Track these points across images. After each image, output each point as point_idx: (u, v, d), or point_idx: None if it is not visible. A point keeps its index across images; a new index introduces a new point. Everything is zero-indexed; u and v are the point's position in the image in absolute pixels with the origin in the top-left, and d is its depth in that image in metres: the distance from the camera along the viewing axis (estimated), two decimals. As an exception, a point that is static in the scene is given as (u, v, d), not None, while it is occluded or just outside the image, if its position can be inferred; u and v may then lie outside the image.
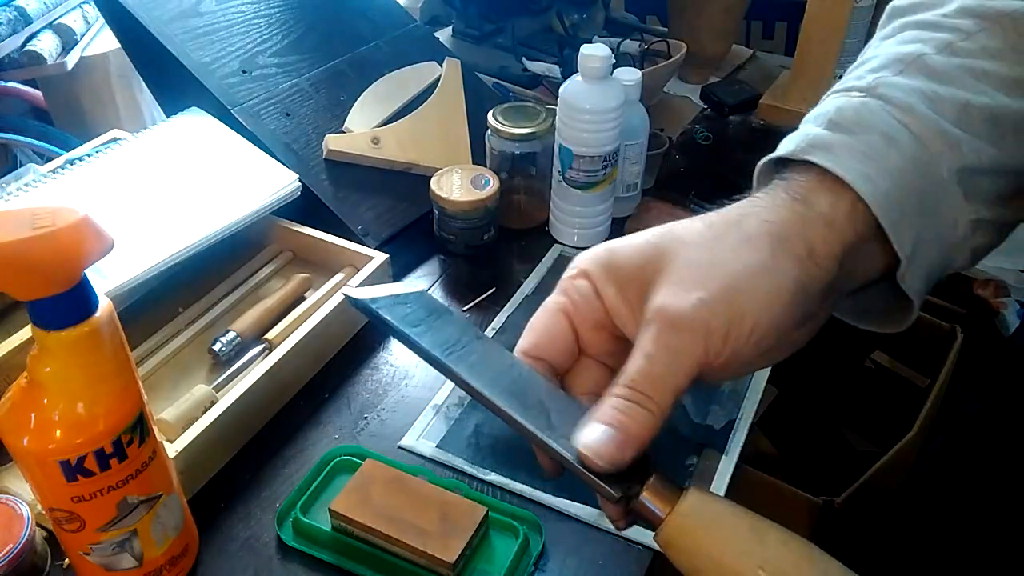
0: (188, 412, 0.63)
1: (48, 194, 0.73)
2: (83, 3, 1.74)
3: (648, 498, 0.37)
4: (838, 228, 0.37)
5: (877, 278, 0.41)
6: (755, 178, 0.43)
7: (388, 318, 0.39)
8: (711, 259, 0.37)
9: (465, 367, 0.38)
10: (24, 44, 1.60)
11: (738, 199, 0.40)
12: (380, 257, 0.77)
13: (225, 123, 0.84)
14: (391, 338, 0.77)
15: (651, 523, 0.37)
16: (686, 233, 0.39)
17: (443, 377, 0.74)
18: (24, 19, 1.59)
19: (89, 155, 0.79)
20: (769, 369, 0.73)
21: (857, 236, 0.38)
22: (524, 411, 0.37)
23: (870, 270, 0.40)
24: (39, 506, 0.52)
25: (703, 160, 1.07)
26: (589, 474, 0.36)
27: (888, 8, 0.46)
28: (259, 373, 0.65)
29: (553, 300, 0.41)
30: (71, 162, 0.79)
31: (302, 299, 0.76)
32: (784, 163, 0.40)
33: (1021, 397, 0.69)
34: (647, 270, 0.38)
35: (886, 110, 0.39)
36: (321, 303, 0.73)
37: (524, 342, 0.41)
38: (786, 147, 0.40)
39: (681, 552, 0.36)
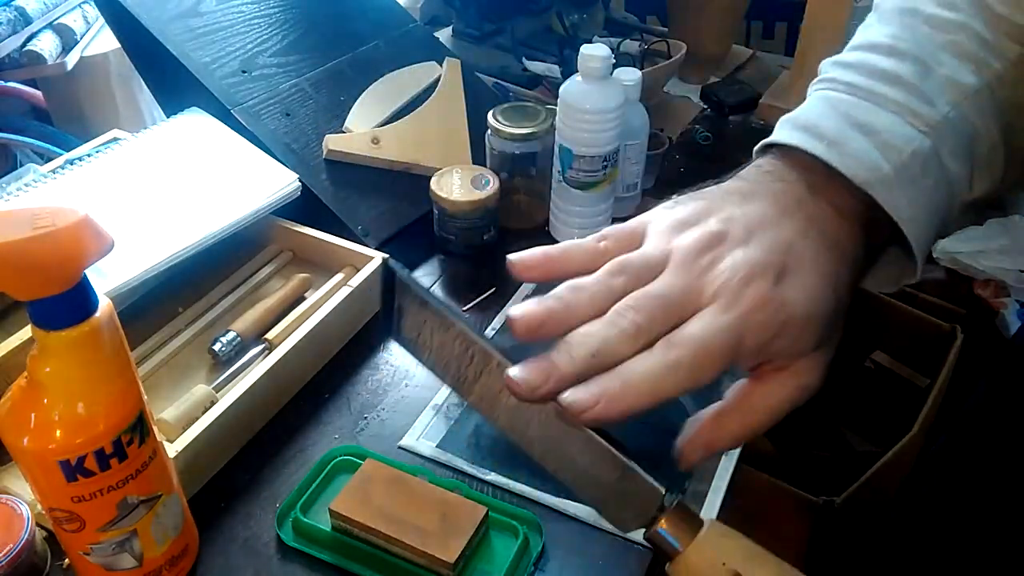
0: (188, 412, 0.63)
1: (48, 194, 0.73)
2: (83, 3, 1.74)
3: (665, 529, 0.35)
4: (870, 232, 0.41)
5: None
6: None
7: (414, 288, 0.40)
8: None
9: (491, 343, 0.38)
10: (24, 44, 1.59)
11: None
12: (380, 257, 0.77)
13: (225, 123, 0.84)
14: (391, 338, 0.77)
15: (665, 554, 0.36)
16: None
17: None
18: (24, 19, 1.59)
19: (89, 155, 0.79)
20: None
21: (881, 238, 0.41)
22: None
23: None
24: (39, 506, 0.52)
25: (703, 160, 1.07)
26: (601, 507, 0.35)
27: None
28: (259, 373, 0.65)
29: None
30: (71, 162, 0.79)
31: (302, 299, 0.76)
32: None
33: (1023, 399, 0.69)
34: None
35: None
36: (321, 303, 0.73)
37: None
38: (851, 170, 0.40)
39: None
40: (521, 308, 0.36)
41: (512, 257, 0.40)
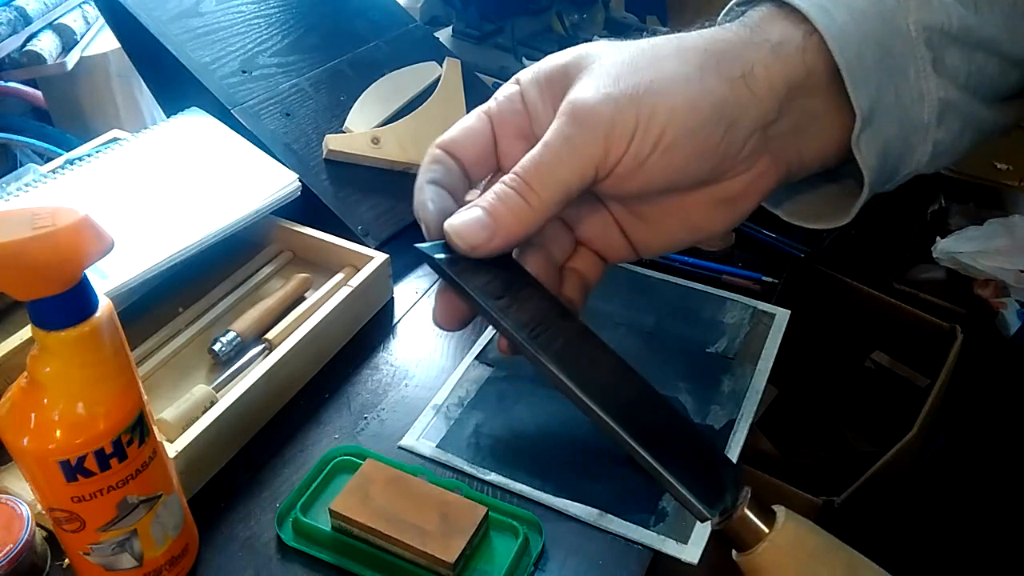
0: (188, 412, 0.63)
1: (48, 194, 0.73)
2: (83, 3, 1.74)
3: (745, 520, 0.34)
4: (785, 56, 0.35)
5: (831, 161, 0.39)
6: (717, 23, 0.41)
7: (469, 289, 0.37)
8: (633, 62, 0.36)
9: (552, 355, 0.34)
10: (24, 44, 1.60)
11: None
12: (380, 257, 0.77)
13: (225, 123, 0.84)
14: (391, 337, 0.77)
15: (739, 545, 0.34)
16: (621, 43, 0.38)
17: (443, 376, 0.74)
18: (24, 19, 1.59)
19: (89, 155, 0.79)
20: (769, 369, 0.73)
21: (807, 72, 0.36)
22: (616, 413, 0.34)
23: (822, 139, 0.38)
24: (39, 506, 0.52)
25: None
26: (683, 491, 0.33)
27: None
28: (259, 373, 0.65)
29: (482, 105, 0.41)
30: (71, 162, 0.79)
31: (302, 299, 0.76)
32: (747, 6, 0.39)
33: (1022, 399, 0.69)
34: (571, 72, 0.37)
35: None
36: (321, 303, 0.73)
37: (442, 136, 0.41)
38: None
39: None
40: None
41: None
